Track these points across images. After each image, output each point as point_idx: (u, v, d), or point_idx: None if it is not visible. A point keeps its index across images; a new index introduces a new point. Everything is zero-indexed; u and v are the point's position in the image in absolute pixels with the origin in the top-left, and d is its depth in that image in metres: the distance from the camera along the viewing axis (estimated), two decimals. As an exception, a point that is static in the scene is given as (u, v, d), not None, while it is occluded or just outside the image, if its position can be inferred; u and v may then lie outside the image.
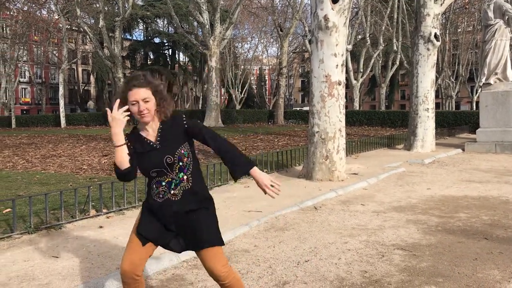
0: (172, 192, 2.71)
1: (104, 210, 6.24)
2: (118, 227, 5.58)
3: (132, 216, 6.16)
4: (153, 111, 2.69)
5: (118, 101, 2.67)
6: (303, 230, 5.44)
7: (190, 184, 2.74)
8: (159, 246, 2.89)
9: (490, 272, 4.00)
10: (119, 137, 2.66)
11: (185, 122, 2.74)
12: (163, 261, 4.29)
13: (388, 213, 6.28)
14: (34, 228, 5.39)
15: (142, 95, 2.64)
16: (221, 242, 2.80)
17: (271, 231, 5.42)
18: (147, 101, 2.65)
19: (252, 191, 7.68)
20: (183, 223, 2.75)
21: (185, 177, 2.73)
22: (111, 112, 2.65)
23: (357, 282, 3.84)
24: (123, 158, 2.66)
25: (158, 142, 2.73)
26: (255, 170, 2.67)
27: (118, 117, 2.64)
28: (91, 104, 50.88)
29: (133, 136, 2.78)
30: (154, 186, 2.74)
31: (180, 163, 2.71)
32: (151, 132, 2.76)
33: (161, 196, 2.73)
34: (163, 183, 2.72)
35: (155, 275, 4.07)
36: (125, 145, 2.68)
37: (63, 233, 5.37)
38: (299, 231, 5.40)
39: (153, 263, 4.21)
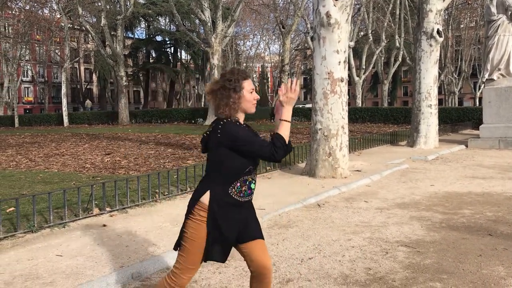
0: (252, 195, 2.74)
1: (108, 209, 6.24)
2: (122, 226, 5.58)
3: (135, 214, 6.17)
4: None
5: (296, 80, 2.72)
6: (307, 228, 5.44)
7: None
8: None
9: (495, 269, 3.98)
10: (290, 113, 2.68)
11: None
12: (165, 259, 4.29)
13: (391, 210, 6.27)
14: (38, 227, 5.40)
15: (253, 85, 2.76)
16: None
17: (275, 229, 5.41)
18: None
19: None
20: (251, 219, 2.80)
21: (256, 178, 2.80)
22: (290, 89, 2.66)
23: (361, 279, 3.83)
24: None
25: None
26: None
27: (292, 96, 2.67)
28: (89, 103, 50.87)
29: (238, 123, 2.72)
30: (239, 184, 2.65)
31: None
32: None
33: (242, 195, 2.67)
34: (247, 182, 2.68)
35: (158, 274, 4.07)
36: None
37: (67, 232, 5.37)
38: (302, 229, 5.40)
39: (155, 262, 4.21)
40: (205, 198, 2.63)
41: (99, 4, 32.11)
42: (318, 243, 4.81)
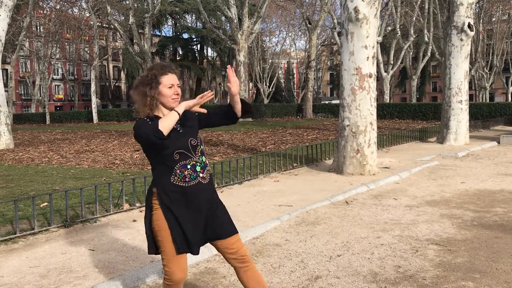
0: (201, 175, 2.76)
1: (137, 204, 6.34)
2: (151, 221, 5.66)
3: (164, 210, 6.24)
4: (179, 99, 2.81)
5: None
6: (335, 225, 5.41)
7: (209, 167, 2.88)
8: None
9: (530, 268, 3.88)
10: (183, 107, 2.73)
11: (196, 114, 2.91)
12: (195, 254, 4.33)
13: (421, 207, 6.18)
14: (70, 221, 5.53)
15: (176, 80, 2.78)
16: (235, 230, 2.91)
17: (302, 226, 5.40)
18: (179, 87, 2.80)
19: (282, 185, 7.67)
20: (212, 209, 2.80)
21: (207, 161, 2.86)
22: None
23: (391, 277, 3.79)
24: (172, 125, 2.65)
25: (179, 126, 2.77)
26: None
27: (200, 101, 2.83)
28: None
29: (153, 119, 2.74)
30: (178, 171, 2.71)
31: (201, 147, 2.83)
32: None
33: (187, 179, 2.71)
34: (189, 166, 2.72)
35: (188, 268, 4.11)
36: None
37: (98, 227, 5.49)
38: (330, 226, 5.37)
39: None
40: (155, 189, 2.75)
41: (127, 2, 32.56)
42: (347, 241, 4.78)
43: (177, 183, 2.71)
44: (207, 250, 4.43)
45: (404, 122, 23.83)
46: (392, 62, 33.95)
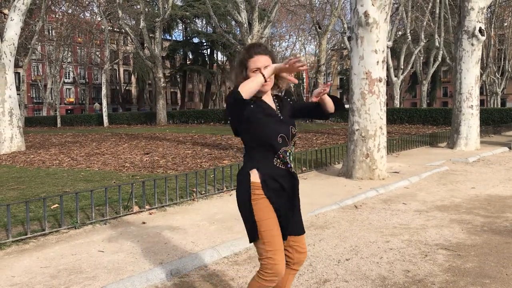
0: (291, 164, 2.68)
1: (147, 207, 6.38)
2: (161, 223, 5.70)
3: (173, 212, 6.28)
4: (273, 80, 2.67)
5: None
6: (344, 229, 5.40)
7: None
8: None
9: (540, 274, 3.85)
10: (271, 73, 2.50)
11: (289, 99, 2.82)
12: (203, 256, 4.35)
13: (431, 212, 6.15)
14: (81, 223, 5.58)
15: (264, 62, 2.60)
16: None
17: (311, 229, 5.40)
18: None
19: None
20: (296, 202, 2.73)
21: (295, 150, 2.78)
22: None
23: (400, 281, 3.78)
24: (255, 88, 2.45)
25: (279, 113, 2.70)
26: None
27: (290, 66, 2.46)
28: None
29: (253, 101, 2.60)
30: (282, 155, 2.63)
31: (295, 138, 2.76)
32: (269, 101, 2.72)
33: (288, 165, 2.65)
34: (287, 153, 2.65)
35: (196, 271, 4.14)
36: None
37: (108, 228, 5.53)
38: (339, 230, 5.36)
39: (194, 259, 4.28)
40: (255, 173, 2.63)
41: (138, 7, 32.79)
42: (356, 245, 4.78)
43: (279, 165, 2.64)
44: (216, 253, 4.45)
45: (414, 127, 23.71)
46: (402, 67, 33.82)
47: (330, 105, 2.81)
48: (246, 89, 2.41)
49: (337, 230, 5.36)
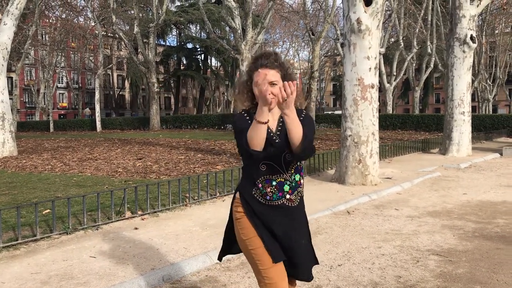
0: (288, 197, 2.35)
1: (139, 212, 6.36)
2: (153, 229, 5.68)
3: (166, 218, 6.27)
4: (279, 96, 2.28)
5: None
6: (336, 234, 5.41)
7: (303, 189, 2.43)
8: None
9: (531, 280, 3.88)
10: (264, 114, 2.15)
11: (302, 118, 2.32)
12: (196, 262, 4.35)
13: (422, 218, 6.18)
14: (72, 228, 5.55)
15: (269, 77, 2.30)
16: (311, 275, 2.56)
17: (304, 235, 5.40)
18: (274, 85, 2.29)
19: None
20: (297, 238, 2.41)
21: (302, 181, 2.40)
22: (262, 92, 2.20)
23: (391, 287, 3.79)
24: (261, 136, 2.18)
25: (278, 134, 2.35)
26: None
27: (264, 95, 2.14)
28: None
29: (251, 115, 2.35)
30: (260, 184, 2.34)
31: (298, 163, 2.38)
32: (271, 120, 2.33)
33: (268, 198, 2.35)
34: (274, 183, 2.33)
35: (188, 277, 4.13)
36: (267, 123, 2.18)
37: (100, 234, 5.50)
38: (331, 235, 5.37)
39: (186, 265, 4.27)
40: (238, 194, 2.48)
41: (132, 12, 32.81)
42: (348, 250, 4.79)
43: (257, 197, 2.36)
44: (208, 258, 4.45)
45: (407, 133, 23.83)
46: (395, 74, 34.02)
47: (293, 136, 2.20)
48: (255, 143, 2.19)
49: (329, 235, 5.37)
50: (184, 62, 53.96)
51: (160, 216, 6.38)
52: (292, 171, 2.36)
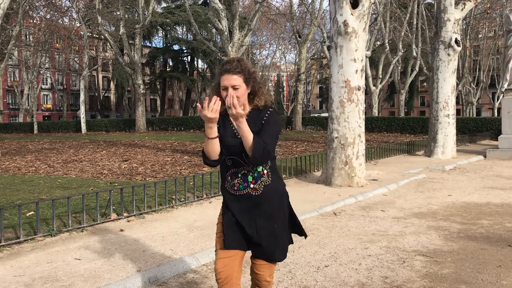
0: (252, 186, 2.58)
1: (125, 214, 6.30)
2: (139, 231, 5.63)
3: (152, 220, 6.22)
4: (243, 98, 2.55)
5: (207, 98, 2.43)
6: (323, 236, 5.42)
7: (270, 179, 2.63)
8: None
9: (515, 280, 3.92)
10: (211, 130, 2.46)
11: (266, 116, 2.59)
12: (182, 264, 4.31)
13: (408, 219, 6.22)
14: (57, 231, 5.48)
15: (232, 82, 2.51)
16: (284, 257, 2.78)
17: (291, 236, 5.40)
18: (237, 88, 2.51)
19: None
20: (262, 223, 2.61)
21: (265, 171, 2.61)
22: (202, 108, 2.41)
23: (378, 287, 3.81)
24: (214, 149, 2.50)
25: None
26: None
27: (208, 115, 2.39)
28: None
29: (221, 117, 2.57)
30: (229, 177, 2.62)
31: None
32: None
33: (235, 188, 2.60)
34: (239, 175, 2.59)
35: (175, 278, 4.10)
36: (217, 138, 2.49)
37: (85, 236, 5.44)
38: (318, 237, 5.38)
39: (172, 267, 4.24)
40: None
41: (118, 13, 32.60)
42: (335, 251, 4.79)
43: (229, 189, 2.64)
44: (195, 260, 4.42)
45: (392, 136, 24.02)
46: (380, 76, 34.29)
47: (245, 145, 2.47)
48: (211, 155, 2.53)
49: (316, 237, 5.37)
50: (170, 63, 53.80)
51: (146, 218, 6.33)
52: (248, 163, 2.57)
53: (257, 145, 2.41)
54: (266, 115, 2.58)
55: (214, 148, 2.50)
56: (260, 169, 2.60)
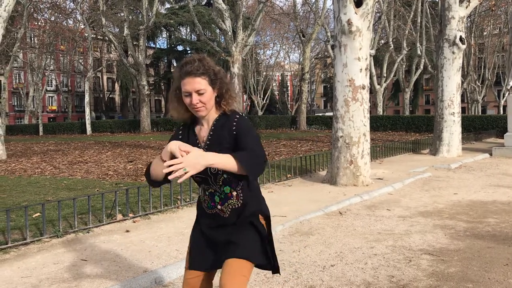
0: (219, 207, 2.29)
1: (131, 215, 6.32)
2: (144, 231, 5.65)
3: (157, 220, 6.23)
4: (210, 104, 2.20)
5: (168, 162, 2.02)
6: (328, 235, 5.41)
7: (241, 202, 2.28)
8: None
9: (522, 278, 3.90)
10: (167, 154, 2.13)
11: (234, 124, 2.20)
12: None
13: (414, 218, 6.20)
14: (63, 232, 5.50)
15: (195, 86, 2.15)
16: (254, 258, 2.29)
17: (296, 236, 5.40)
18: (202, 93, 2.16)
19: (276, 196, 7.67)
20: (227, 248, 2.31)
21: (234, 193, 2.28)
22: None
23: (384, 286, 3.80)
24: (161, 172, 2.16)
25: (207, 143, 2.25)
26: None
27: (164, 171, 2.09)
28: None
29: (186, 128, 2.32)
30: (201, 193, 2.37)
31: (225, 176, 2.23)
32: (205, 127, 2.29)
33: (205, 205, 2.36)
34: (207, 193, 2.32)
35: (181, 279, 4.09)
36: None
37: (91, 237, 5.46)
38: (324, 236, 5.37)
39: (178, 267, 4.24)
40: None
41: (122, 14, 32.69)
42: (340, 251, 4.79)
43: (201, 204, 2.40)
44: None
45: (398, 134, 23.95)
46: (385, 75, 34.21)
47: (231, 171, 2.12)
48: (153, 175, 2.21)
49: (322, 236, 5.36)
50: (175, 64, 53.85)
51: (152, 219, 6.34)
52: (220, 183, 2.26)
53: (241, 157, 2.05)
54: (235, 123, 2.19)
55: (162, 171, 2.14)
56: (227, 190, 2.26)
